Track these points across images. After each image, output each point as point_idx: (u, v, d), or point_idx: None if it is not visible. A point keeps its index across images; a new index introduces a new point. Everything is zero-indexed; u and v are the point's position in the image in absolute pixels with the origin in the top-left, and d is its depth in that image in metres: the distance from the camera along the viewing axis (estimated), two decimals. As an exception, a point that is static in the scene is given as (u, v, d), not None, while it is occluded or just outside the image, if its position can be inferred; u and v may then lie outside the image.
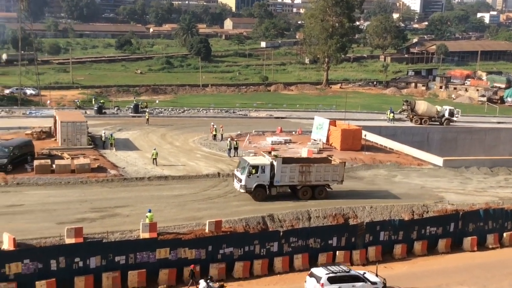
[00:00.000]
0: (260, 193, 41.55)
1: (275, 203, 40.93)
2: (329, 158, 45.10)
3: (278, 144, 59.62)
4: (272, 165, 41.69)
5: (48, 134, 57.12)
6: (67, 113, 64.49)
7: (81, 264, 30.64)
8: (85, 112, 71.72)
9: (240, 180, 41.18)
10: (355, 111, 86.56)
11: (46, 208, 37.04)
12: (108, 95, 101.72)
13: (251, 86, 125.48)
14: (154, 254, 32.25)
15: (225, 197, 42.27)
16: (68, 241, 31.53)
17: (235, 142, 55.30)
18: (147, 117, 69.57)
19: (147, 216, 34.27)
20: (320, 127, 61.96)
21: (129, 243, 32.41)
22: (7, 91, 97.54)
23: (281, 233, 36.07)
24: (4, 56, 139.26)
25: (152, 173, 46.54)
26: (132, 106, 77.81)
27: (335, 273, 31.62)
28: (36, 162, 44.73)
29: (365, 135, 61.15)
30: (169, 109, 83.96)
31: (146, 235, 33.22)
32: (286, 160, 43.33)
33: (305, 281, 32.13)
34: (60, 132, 53.25)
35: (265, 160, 42.77)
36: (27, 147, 47.40)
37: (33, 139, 52.71)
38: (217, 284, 30.94)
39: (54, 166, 44.61)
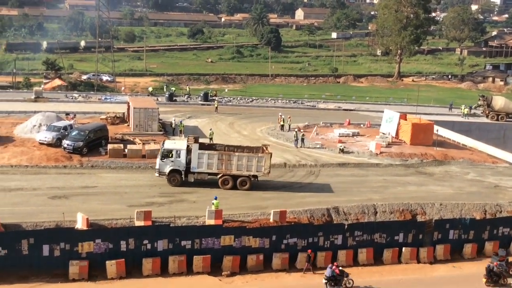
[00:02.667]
0: (175, 178, 40.33)
1: (341, 195, 40.54)
2: (264, 148, 42.24)
3: (345, 136, 58.89)
4: (188, 150, 40.35)
5: (122, 119, 58.95)
6: (140, 99, 66.37)
7: (149, 246, 31.57)
8: (157, 99, 73.50)
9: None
10: (427, 105, 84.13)
11: (118, 191, 38.37)
12: (179, 83, 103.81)
13: (320, 77, 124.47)
14: (219, 240, 32.74)
15: (291, 187, 42.25)
16: (138, 223, 32.58)
17: (302, 133, 55.13)
18: (216, 105, 70.50)
19: (213, 203, 34.82)
20: (390, 121, 60.66)
21: (195, 228, 33.06)
22: (84, 77, 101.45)
23: (346, 226, 35.71)
24: (83, 43, 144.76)
25: (220, 161, 47.07)
26: (202, 94, 79.07)
27: None
28: (109, 146, 46.37)
29: (437, 130, 59.33)
30: (238, 98, 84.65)
31: (211, 221, 33.79)
32: (205, 147, 41.89)
33: None
34: (132, 118, 54.88)
35: (181, 144, 41.44)
36: (102, 131, 49.21)
37: (107, 124, 54.68)
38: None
39: (126, 150, 46.11)
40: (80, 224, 31.86)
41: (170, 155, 40.23)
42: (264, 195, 39.79)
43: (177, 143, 42.20)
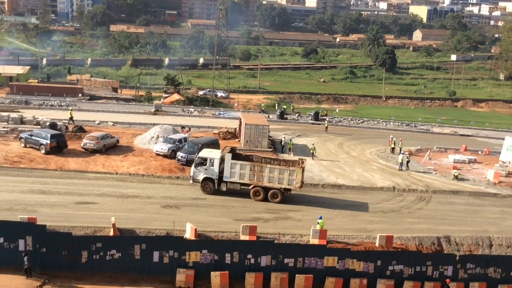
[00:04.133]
0: (208, 186, 40.58)
1: (453, 224, 38.64)
2: (300, 162, 41.12)
3: (461, 163, 56.17)
4: (222, 159, 40.18)
5: (233, 134, 60.50)
6: (251, 116, 67.81)
7: (252, 261, 31.92)
8: (268, 116, 74.72)
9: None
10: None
11: (226, 204, 39.33)
12: (290, 102, 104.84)
13: (436, 101, 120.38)
14: (322, 261, 32.39)
15: (399, 212, 40.98)
16: (243, 237, 33.13)
17: (407, 156, 53.56)
18: (326, 125, 70.32)
19: (318, 223, 34.63)
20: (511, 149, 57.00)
21: (299, 247, 32.97)
22: (201, 93, 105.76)
23: (457, 257, 33.91)
24: (201, 60, 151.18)
25: (327, 180, 46.86)
26: (312, 114, 79.26)
27: None
28: (220, 160, 47.68)
29: None
30: (349, 119, 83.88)
31: (315, 241, 33.58)
32: (239, 157, 41.38)
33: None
34: (243, 134, 56.17)
35: (216, 153, 41.54)
36: (214, 145, 50.74)
37: (219, 138, 56.42)
38: None
39: (235, 165, 47.12)
40: (189, 234, 32.99)
41: (204, 163, 40.91)
42: (370, 218, 38.92)
43: (212, 152, 42.71)
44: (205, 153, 42.32)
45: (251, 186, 40.43)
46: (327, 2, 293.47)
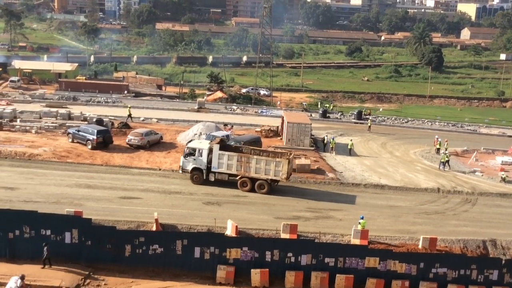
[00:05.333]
0: (197, 176, 41.17)
1: (500, 228, 37.62)
2: (288, 153, 41.59)
3: (509, 165, 54.59)
4: (210, 150, 40.86)
5: (275, 133, 60.58)
6: (294, 114, 67.72)
7: (293, 259, 31.81)
8: (311, 115, 74.42)
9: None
10: None
11: (267, 202, 39.40)
12: (333, 100, 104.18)
13: (484, 101, 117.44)
14: (363, 261, 32.02)
15: (443, 214, 40.15)
16: (283, 235, 33.12)
17: (446, 155, 52.51)
18: (369, 124, 69.55)
19: (359, 223, 34.30)
20: None
21: (339, 246, 32.75)
22: (243, 91, 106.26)
23: (503, 262, 32.98)
24: (244, 58, 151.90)
25: (369, 180, 46.35)
26: (355, 113, 78.53)
27: None
28: (262, 158, 47.79)
29: None
30: (392, 118, 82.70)
31: (356, 241, 33.28)
32: (227, 148, 41.82)
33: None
34: (286, 132, 56.14)
35: (204, 144, 42.10)
36: (256, 143, 50.96)
37: (261, 136, 56.58)
38: None
39: (277, 163, 47.13)
40: (230, 231, 33.21)
41: (193, 154, 41.50)
42: (414, 220, 38.29)
43: (201, 143, 43.14)
44: (194, 143, 43.08)
45: (239, 177, 40.90)
46: (372, 0, 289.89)
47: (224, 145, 42.78)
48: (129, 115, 61.19)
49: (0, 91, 78.38)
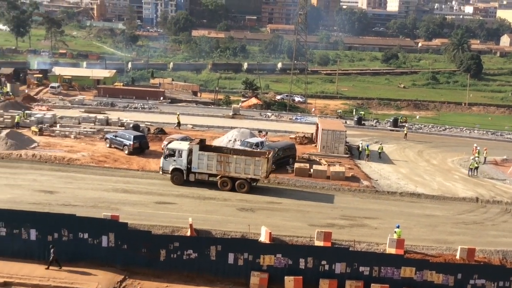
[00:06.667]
0: (177, 176, 41.47)
1: (541, 240, 36.56)
2: (267, 153, 42.32)
3: (551, 174, 53.04)
4: (190, 150, 41.13)
5: (310, 139, 60.35)
6: (328, 121, 67.36)
7: (327, 267, 31.60)
8: (345, 122, 73.90)
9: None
10: None
11: (301, 209, 39.24)
12: (368, 107, 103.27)
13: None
14: (399, 271, 31.56)
15: (482, 224, 39.25)
16: (317, 243, 32.93)
17: (476, 162, 51.71)
18: (405, 132, 68.62)
19: (395, 232, 33.82)
20: None
21: (374, 255, 32.37)
22: (278, 97, 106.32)
23: (545, 275, 32.04)
24: (279, 65, 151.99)
25: (405, 188, 45.70)
26: (391, 120, 77.64)
27: None
28: (296, 165, 47.72)
29: None
30: (429, 126, 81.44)
31: (392, 250, 32.83)
32: (206, 148, 42.31)
33: None
34: (320, 139, 55.87)
35: (184, 145, 42.41)
36: (290, 150, 50.90)
37: (296, 143, 56.42)
38: None
39: (312, 170, 47.03)
40: (264, 237, 33.19)
41: (173, 155, 41.92)
42: (451, 229, 37.55)
43: (181, 144, 43.45)
44: (174, 144, 43.66)
45: (219, 177, 41.18)
46: (409, 6, 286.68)
47: (204, 146, 43.44)
48: (178, 123, 61.95)
49: (40, 97, 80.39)
